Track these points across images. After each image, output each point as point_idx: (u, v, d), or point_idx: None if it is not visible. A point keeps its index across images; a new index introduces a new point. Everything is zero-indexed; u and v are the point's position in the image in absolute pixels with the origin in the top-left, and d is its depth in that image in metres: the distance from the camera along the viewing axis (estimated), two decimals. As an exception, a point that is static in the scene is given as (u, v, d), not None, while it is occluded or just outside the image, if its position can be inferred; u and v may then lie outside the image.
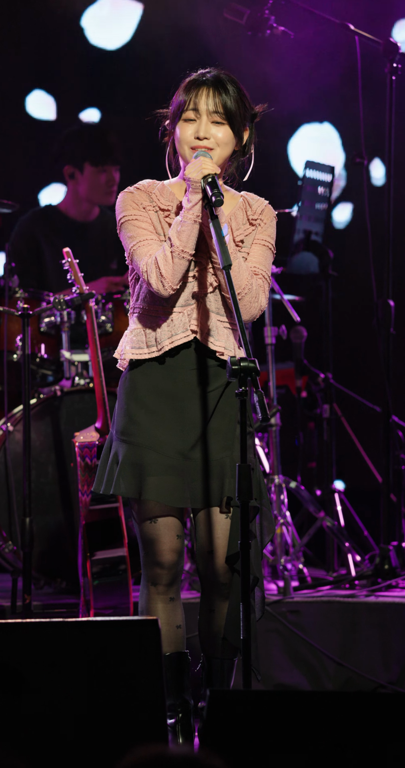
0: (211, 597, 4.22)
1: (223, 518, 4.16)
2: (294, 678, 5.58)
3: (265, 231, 4.24)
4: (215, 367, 4.17)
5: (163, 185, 4.25)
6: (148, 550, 4.18)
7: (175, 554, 4.17)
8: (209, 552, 4.18)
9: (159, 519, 4.15)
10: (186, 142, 4.16)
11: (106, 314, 6.32)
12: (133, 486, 4.14)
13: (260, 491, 4.18)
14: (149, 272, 4.09)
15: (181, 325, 4.15)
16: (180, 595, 4.25)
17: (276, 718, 3.04)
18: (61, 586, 6.12)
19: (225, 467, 4.13)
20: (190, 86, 4.17)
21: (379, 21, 7.66)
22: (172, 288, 4.09)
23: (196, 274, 4.17)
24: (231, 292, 3.92)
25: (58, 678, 3.32)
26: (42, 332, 6.32)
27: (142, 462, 4.13)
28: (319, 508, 6.51)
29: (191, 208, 4.07)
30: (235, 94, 4.16)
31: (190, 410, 4.17)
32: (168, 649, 4.20)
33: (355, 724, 3.03)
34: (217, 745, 2.98)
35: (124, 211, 4.20)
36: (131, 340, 4.21)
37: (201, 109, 4.14)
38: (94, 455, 5.28)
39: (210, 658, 4.25)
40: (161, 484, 4.11)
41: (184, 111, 4.15)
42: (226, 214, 4.21)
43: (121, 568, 5.19)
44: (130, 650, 3.37)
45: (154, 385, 4.18)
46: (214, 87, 4.15)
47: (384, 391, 6.29)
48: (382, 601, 5.77)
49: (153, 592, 4.19)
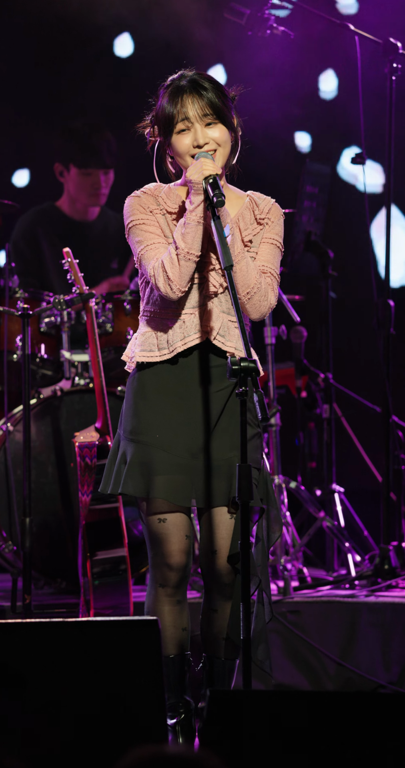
0: (214, 597, 4.22)
1: (228, 518, 4.16)
2: (294, 678, 5.58)
3: (273, 229, 4.25)
4: (224, 368, 4.17)
5: (169, 188, 4.25)
6: (156, 550, 4.17)
7: (183, 555, 4.17)
8: (213, 552, 4.18)
9: (168, 518, 4.15)
10: (186, 153, 4.16)
11: (106, 314, 6.32)
12: (142, 485, 4.13)
13: (267, 491, 4.18)
14: (157, 275, 4.10)
15: (194, 327, 4.16)
16: (186, 596, 4.25)
17: (276, 718, 3.04)
18: (61, 586, 6.12)
19: (233, 467, 4.13)
20: (171, 96, 4.16)
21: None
22: (180, 290, 4.10)
23: (205, 275, 4.18)
24: (232, 293, 3.93)
25: (58, 678, 3.32)
26: (42, 332, 6.31)
27: (151, 461, 4.13)
28: (319, 508, 6.51)
29: (194, 210, 4.08)
30: (216, 89, 4.16)
31: (198, 410, 4.17)
32: (172, 651, 4.20)
33: (355, 724, 3.03)
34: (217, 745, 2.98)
35: (131, 215, 4.20)
36: (141, 343, 4.21)
37: (191, 116, 4.14)
38: (94, 455, 5.27)
39: (211, 658, 4.25)
40: (170, 483, 4.11)
41: (174, 124, 4.15)
42: (234, 215, 4.21)
43: (121, 568, 5.19)
44: (130, 650, 3.37)
45: (163, 386, 4.19)
46: (194, 91, 4.14)
47: (384, 391, 6.29)
48: (382, 601, 5.77)
49: (161, 594, 4.19)
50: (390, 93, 6.27)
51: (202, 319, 4.17)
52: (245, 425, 3.80)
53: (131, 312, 6.32)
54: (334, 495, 6.60)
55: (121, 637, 3.40)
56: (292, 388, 7.14)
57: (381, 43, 6.30)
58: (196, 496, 4.15)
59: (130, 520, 5.83)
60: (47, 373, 6.38)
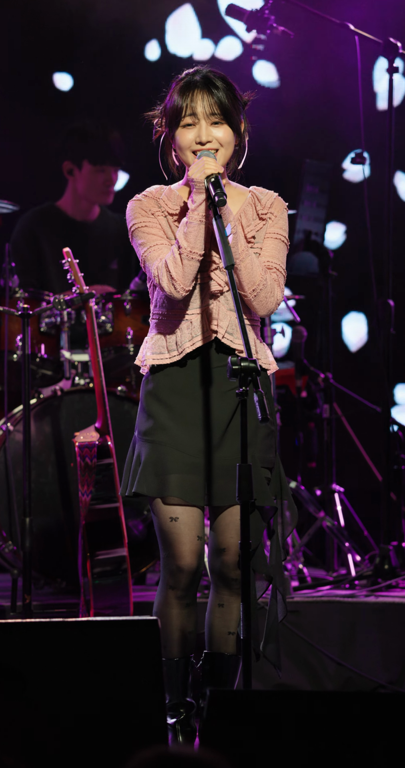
0: (221, 592, 4.22)
1: (239, 518, 4.16)
2: (294, 678, 5.58)
3: (277, 224, 4.25)
4: None
5: (170, 189, 4.25)
6: (168, 551, 4.17)
7: (194, 557, 4.16)
8: (222, 550, 4.19)
9: (180, 518, 4.14)
10: (188, 147, 4.16)
11: (106, 314, 6.32)
12: (155, 485, 4.13)
13: (281, 485, 4.19)
14: (160, 276, 4.10)
15: (201, 327, 4.17)
16: (196, 600, 4.24)
17: (276, 718, 3.04)
18: (61, 586, 6.11)
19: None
20: (182, 90, 4.16)
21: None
22: (184, 290, 4.10)
23: (210, 274, 4.18)
24: (233, 292, 3.93)
25: (58, 678, 3.32)
26: (42, 332, 6.31)
27: (164, 460, 4.14)
28: (319, 508, 6.51)
29: (196, 209, 4.08)
30: (227, 90, 4.16)
31: (211, 409, 4.17)
32: (176, 654, 4.19)
33: (356, 724, 3.03)
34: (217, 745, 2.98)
35: (133, 219, 4.21)
36: (152, 347, 4.22)
37: (198, 112, 4.14)
38: (94, 455, 5.27)
39: (215, 655, 4.24)
40: (184, 482, 4.12)
41: (181, 117, 4.15)
42: (236, 211, 4.22)
43: (121, 568, 5.19)
44: (130, 650, 3.37)
45: (174, 387, 4.19)
46: (205, 88, 4.15)
47: (384, 391, 6.29)
48: (382, 601, 5.77)
49: (171, 596, 4.18)
50: (390, 93, 6.27)
51: (210, 318, 4.17)
52: (245, 425, 3.80)
53: (131, 312, 6.32)
54: (334, 495, 6.61)
55: (121, 637, 3.40)
56: (292, 388, 7.14)
57: (381, 43, 6.30)
58: (208, 495, 4.15)
59: (130, 520, 5.83)
60: (47, 373, 6.38)
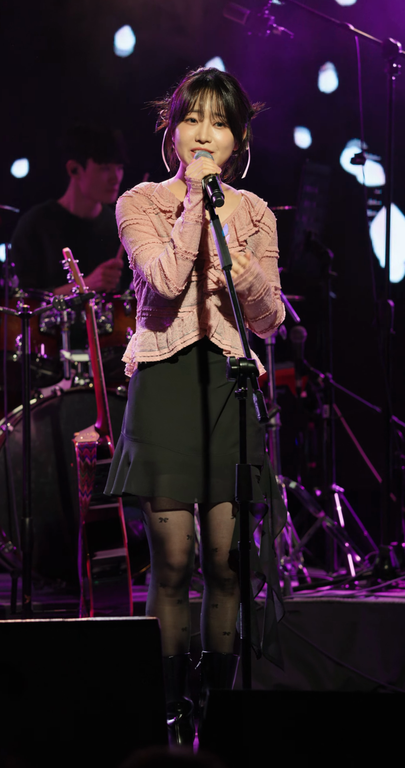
0: (214, 592, 4.23)
1: (230, 517, 4.16)
2: (294, 678, 5.58)
3: (274, 241, 4.29)
4: (223, 364, 4.17)
5: (161, 186, 4.25)
6: (158, 549, 4.17)
7: (185, 555, 4.16)
8: (213, 549, 4.19)
9: (170, 517, 4.14)
10: (186, 144, 4.16)
11: (106, 314, 6.32)
12: (145, 484, 4.13)
13: (270, 484, 4.19)
14: (153, 275, 4.09)
15: (192, 325, 4.16)
16: (188, 597, 4.25)
17: (276, 718, 3.04)
18: (61, 586, 6.12)
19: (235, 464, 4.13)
20: (193, 86, 4.17)
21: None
22: (178, 289, 4.10)
23: (203, 273, 4.18)
24: (231, 293, 3.93)
25: (58, 678, 3.32)
26: (42, 332, 6.32)
27: (154, 460, 4.13)
28: (319, 508, 6.51)
29: (192, 209, 4.08)
30: (236, 95, 4.17)
31: (200, 407, 4.17)
32: (171, 651, 4.20)
33: (355, 724, 3.03)
34: (216, 745, 2.98)
35: (124, 215, 4.20)
36: (141, 343, 4.21)
37: (205, 110, 4.15)
38: (93, 455, 5.27)
39: (212, 655, 4.25)
40: (174, 481, 4.11)
41: (187, 112, 4.15)
42: (229, 214, 4.22)
43: (121, 568, 5.19)
44: (130, 650, 3.37)
45: (164, 384, 4.19)
46: (216, 88, 4.16)
47: (384, 391, 6.29)
48: (382, 601, 5.77)
49: (162, 594, 4.19)
50: (390, 93, 6.27)
51: (201, 316, 4.17)
52: (245, 426, 3.80)
53: (131, 312, 6.33)
54: (334, 495, 6.60)
55: (121, 637, 3.39)
56: (292, 388, 7.14)
57: (381, 43, 6.30)
58: (199, 493, 4.15)
59: (130, 520, 5.83)
60: (47, 373, 6.38)
